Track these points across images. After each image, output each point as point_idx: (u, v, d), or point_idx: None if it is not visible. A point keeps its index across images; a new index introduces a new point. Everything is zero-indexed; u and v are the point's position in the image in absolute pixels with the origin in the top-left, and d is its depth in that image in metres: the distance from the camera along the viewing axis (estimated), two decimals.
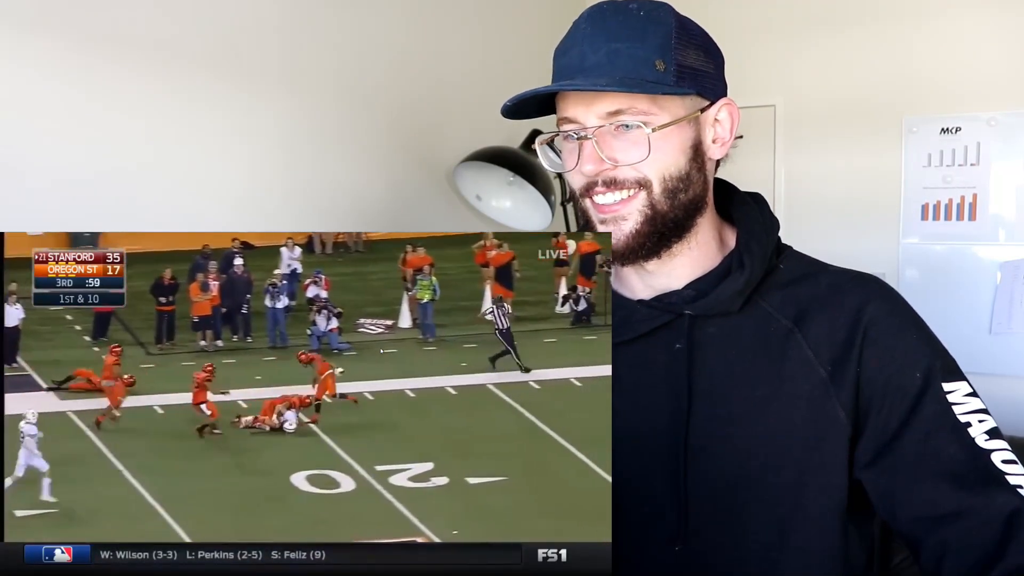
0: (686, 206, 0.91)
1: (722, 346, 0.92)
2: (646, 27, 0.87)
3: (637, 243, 0.90)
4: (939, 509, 0.84)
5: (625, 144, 0.88)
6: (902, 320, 0.93)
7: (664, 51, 0.87)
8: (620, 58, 0.85)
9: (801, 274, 0.96)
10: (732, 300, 0.92)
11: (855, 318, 0.90)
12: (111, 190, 1.35)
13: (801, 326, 0.91)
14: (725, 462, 0.90)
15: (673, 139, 0.89)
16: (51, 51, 1.24)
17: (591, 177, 0.89)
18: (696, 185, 0.92)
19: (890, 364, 0.88)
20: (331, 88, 1.82)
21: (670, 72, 0.87)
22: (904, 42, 2.63)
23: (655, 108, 0.87)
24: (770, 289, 0.94)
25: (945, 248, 2.62)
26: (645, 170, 0.88)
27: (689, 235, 0.93)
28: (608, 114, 0.87)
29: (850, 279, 0.97)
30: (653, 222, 0.89)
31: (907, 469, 0.86)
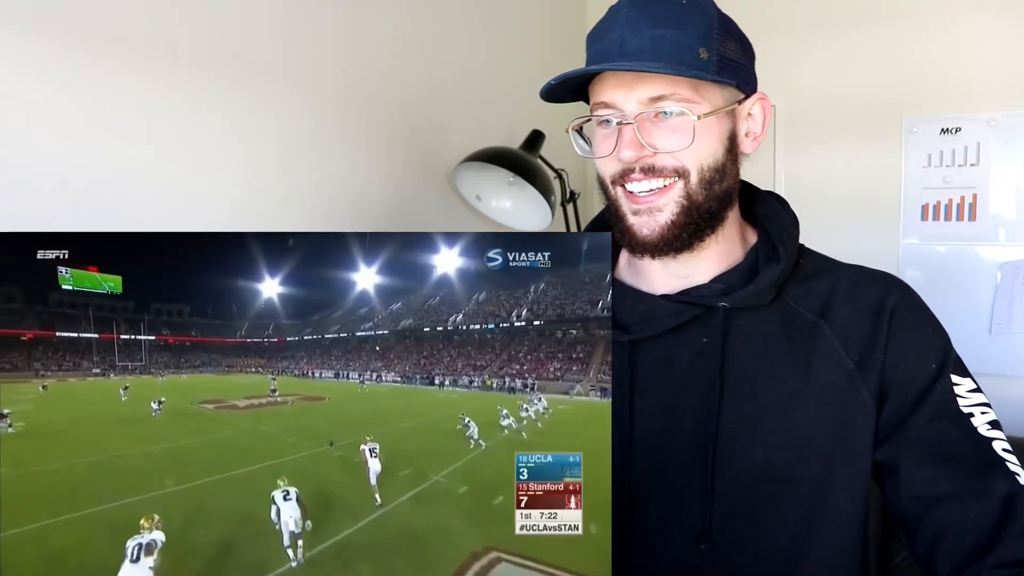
0: (720, 198, 0.91)
1: (750, 340, 0.91)
2: (690, 15, 0.86)
3: (673, 234, 0.89)
4: (938, 489, 0.86)
5: (666, 131, 0.86)
6: (919, 315, 0.95)
7: (707, 40, 0.86)
8: (664, 44, 0.84)
9: (821, 269, 0.98)
10: (767, 292, 0.92)
11: (878, 310, 0.92)
12: (110, 190, 1.35)
13: (827, 318, 0.92)
14: (753, 457, 0.89)
15: (713, 129, 0.88)
16: (50, 51, 1.24)
17: (628, 164, 0.88)
18: (730, 177, 0.92)
19: (908, 354, 0.91)
20: (331, 88, 1.82)
21: (712, 61, 0.86)
22: (904, 42, 2.63)
23: (696, 96, 0.86)
24: (794, 284, 0.95)
25: (945, 249, 2.62)
26: (685, 159, 0.87)
27: (720, 228, 0.93)
28: (650, 99, 0.86)
29: (868, 274, 0.98)
30: (689, 213, 0.89)
31: (912, 449, 0.88)
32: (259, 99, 1.62)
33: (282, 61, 1.68)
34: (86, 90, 1.30)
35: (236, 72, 1.56)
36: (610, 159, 0.90)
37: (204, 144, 1.51)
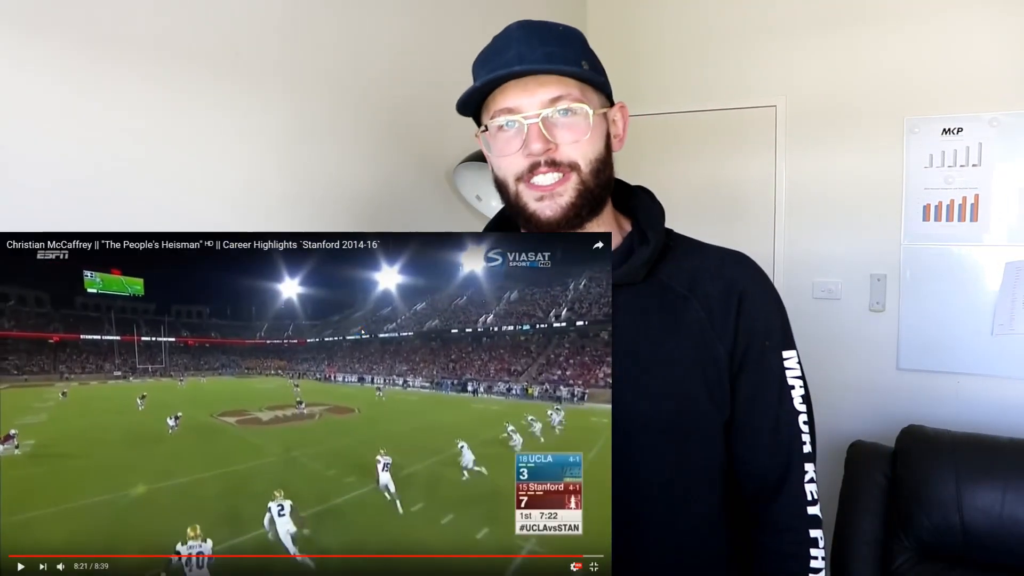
0: (604, 185, 1.10)
1: (630, 311, 1.09)
2: (569, 37, 1.09)
3: (572, 214, 1.07)
4: (753, 439, 1.12)
5: (564, 129, 1.05)
6: (766, 295, 1.15)
7: (585, 55, 1.08)
8: (555, 57, 1.04)
9: (688, 251, 1.17)
10: (640, 270, 1.10)
11: (735, 289, 1.11)
12: (110, 190, 1.34)
13: (695, 293, 1.11)
14: (639, 408, 1.06)
15: (597, 127, 1.08)
16: (49, 51, 1.24)
17: (536, 157, 1.05)
18: (609, 168, 1.11)
19: (754, 326, 1.11)
20: (331, 88, 1.81)
21: (592, 72, 1.06)
22: (905, 42, 2.63)
23: (583, 98, 1.06)
24: (665, 263, 1.13)
25: (946, 249, 2.62)
26: (577, 154, 1.06)
27: (601, 213, 1.12)
28: (550, 100, 1.04)
29: (730, 257, 1.17)
30: (583, 196, 1.07)
31: (745, 399, 1.11)
32: (259, 98, 1.62)
33: (281, 61, 1.68)
34: (85, 89, 1.30)
35: (235, 71, 1.56)
36: (516, 156, 1.06)
37: (204, 144, 1.51)
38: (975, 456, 1.93)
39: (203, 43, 1.49)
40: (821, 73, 2.78)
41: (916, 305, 2.67)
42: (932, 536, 1.91)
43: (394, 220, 2.00)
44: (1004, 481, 1.86)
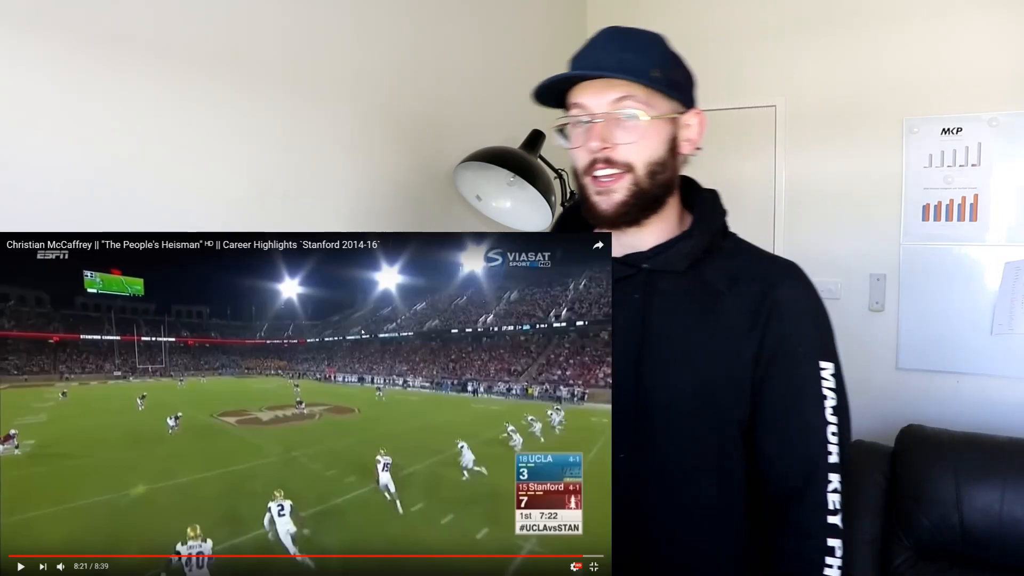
0: (662, 185, 1.16)
1: (666, 298, 1.16)
2: (650, 45, 1.17)
3: (623, 210, 1.14)
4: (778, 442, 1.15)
5: (621, 131, 1.13)
6: (804, 304, 1.18)
7: (660, 64, 1.14)
8: (627, 62, 1.12)
9: (739, 252, 1.22)
10: (680, 260, 1.17)
11: (769, 292, 1.15)
12: (110, 190, 1.34)
13: (731, 291, 1.16)
14: (670, 383, 1.13)
15: (658, 131, 1.15)
16: (49, 51, 1.24)
17: (595, 154, 1.13)
18: (669, 171, 1.17)
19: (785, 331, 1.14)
20: (331, 89, 1.81)
21: (662, 79, 1.13)
22: (905, 43, 2.63)
23: (647, 102, 1.12)
24: (712, 261, 1.18)
25: (946, 249, 2.62)
26: (632, 155, 1.13)
27: (661, 210, 1.18)
28: (615, 100, 1.12)
29: (777, 262, 1.22)
30: (636, 195, 1.14)
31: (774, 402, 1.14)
32: (259, 99, 1.62)
33: (282, 61, 1.68)
34: (85, 89, 1.30)
35: (236, 72, 1.56)
36: (582, 150, 1.15)
37: (204, 144, 1.51)
38: (974, 456, 1.93)
39: (203, 43, 1.49)
40: (821, 73, 2.78)
41: (915, 305, 2.67)
42: (931, 536, 1.91)
43: (394, 220, 2.00)
44: (1003, 481, 1.86)
